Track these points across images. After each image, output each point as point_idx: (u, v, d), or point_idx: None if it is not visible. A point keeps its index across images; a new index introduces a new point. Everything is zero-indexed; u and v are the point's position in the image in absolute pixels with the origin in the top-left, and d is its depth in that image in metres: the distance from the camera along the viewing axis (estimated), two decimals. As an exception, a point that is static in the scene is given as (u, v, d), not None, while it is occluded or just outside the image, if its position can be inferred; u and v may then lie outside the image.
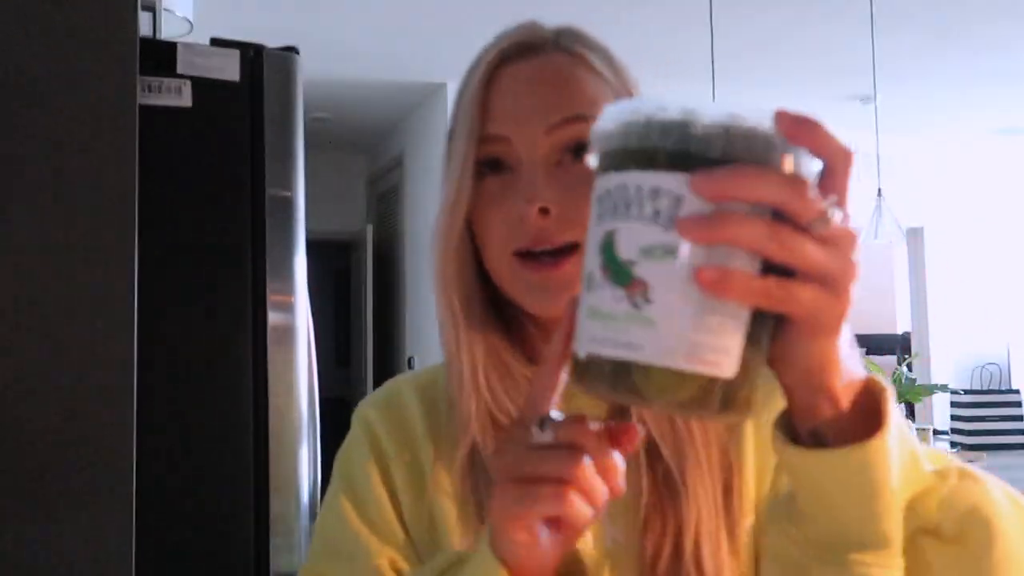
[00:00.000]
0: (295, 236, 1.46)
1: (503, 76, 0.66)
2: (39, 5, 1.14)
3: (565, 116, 0.63)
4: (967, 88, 4.62)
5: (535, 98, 0.64)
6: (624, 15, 3.48)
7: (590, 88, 0.65)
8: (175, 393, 1.35)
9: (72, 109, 1.14)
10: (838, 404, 0.45)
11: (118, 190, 1.15)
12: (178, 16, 2.39)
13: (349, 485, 0.70)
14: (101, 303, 1.13)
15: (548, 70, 0.65)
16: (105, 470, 1.12)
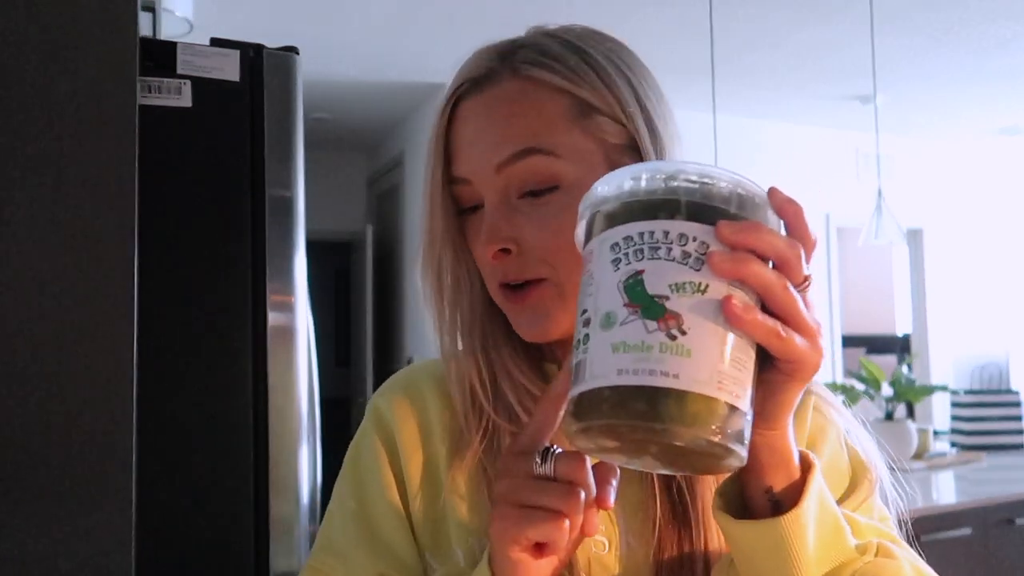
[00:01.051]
0: (295, 236, 1.46)
1: (459, 115, 0.65)
2: (39, 5, 1.14)
3: (513, 151, 0.61)
4: (967, 88, 4.62)
5: (483, 135, 0.63)
6: (624, 16, 3.48)
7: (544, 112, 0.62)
8: (175, 393, 1.35)
9: (72, 109, 1.14)
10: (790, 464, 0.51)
11: (118, 190, 1.15)
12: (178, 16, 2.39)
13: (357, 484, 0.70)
14: (101, 303, 1.13)
15: (496, 104, 0.63)
16: (105, 470, 1.11)
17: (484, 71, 0.64)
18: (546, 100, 0.62)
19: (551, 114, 0.62)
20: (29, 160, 1.12)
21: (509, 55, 0.65)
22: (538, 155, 0.61)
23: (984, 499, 2.58)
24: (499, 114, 0.63)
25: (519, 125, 0.62)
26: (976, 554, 2.55)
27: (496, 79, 0.64)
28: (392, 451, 0.69)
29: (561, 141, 0.61)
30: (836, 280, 5.48)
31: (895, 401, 3.08)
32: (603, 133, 0.63)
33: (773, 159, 5.23)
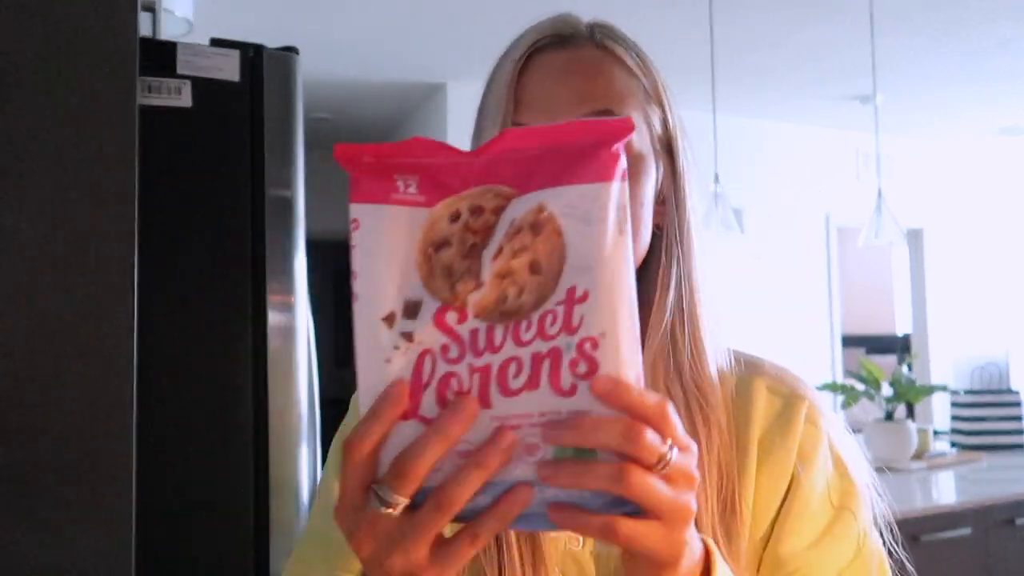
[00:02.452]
0: (295, 236, 1.46)
1: (536, 65, 0.65)
2: (39, 5, 1.14)
3: (595, 109, 0.63)
4: (967, 88, 4.62)
5: (566, 89, 0.64)
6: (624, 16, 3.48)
7: (620, 84, 0.65)
8: (175, 393, 1.35)
9: (72, 109, 1.14)
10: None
11: (118, 190, 1.15)
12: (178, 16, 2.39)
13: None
14: (101, 303, 1.13)
15: (581, 62, 0.65)
16: (105, 471, 1.11)
17: (570, 31, 0.67)
18: (624, 76, 0.65)
19: (626, 89, 0.65)
20: (29, 160, 1.12)
21: (588, 26, 0.68)
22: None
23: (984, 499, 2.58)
24: (584, 72, 0.64)
25: (603, 87, 0.64)
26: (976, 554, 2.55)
27: (580, 41, 0.66)
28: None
29: (631, 113, 0.64)
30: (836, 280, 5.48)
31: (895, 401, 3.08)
32: (654, 122, 0.66)
33: (773, 159, 5.23)
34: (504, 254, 0.42)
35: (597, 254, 0.42)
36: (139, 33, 1.23)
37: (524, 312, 0.42)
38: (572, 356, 0.42)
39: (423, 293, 0.43)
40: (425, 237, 0.43)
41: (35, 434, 1.09)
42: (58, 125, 1.13)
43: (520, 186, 0.43)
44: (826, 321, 5.37)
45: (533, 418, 0.42)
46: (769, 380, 0.70)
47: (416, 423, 0.43)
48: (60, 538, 1.09)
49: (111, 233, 1.14)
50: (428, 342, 0.43)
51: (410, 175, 0.43)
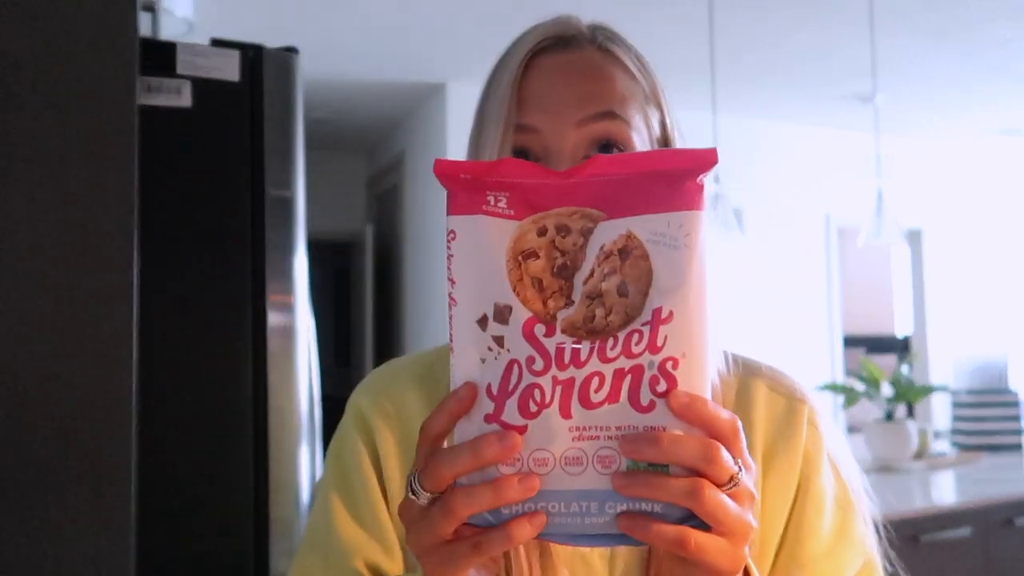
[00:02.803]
0: (295, 236, 1.46)
1: (537, 67, 0.66)
2: (39, 5, 1.14)
3: (597, 111, 0.63)
4: (967, 88, 4.62)
5: (568, 90, 0.64)
6: (624, 15, 3.48)
7: (622, 86, 0.66)
8: (175, 393, 1.35)
9: (72, 109, 1.14)
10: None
11: (118, 190, 1.15)
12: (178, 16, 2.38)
13: (340, 479, 0.69)
14: (101, 303, 1.13)
15: (583, 64, 0.66)
16: (105, 470, 1.12)
17: (572, 33, 0.67)
18: (625, 78, 0.66)
19: (628, 91, 0.66)
20: (29, 160, 1.12)
21: (590, 28, 0.69)
22: (618, 120, 0.64)
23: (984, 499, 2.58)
24: (586, 74, 0.65)
25: (605, 89, 0.65)
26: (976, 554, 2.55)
27: (581, 43, 0.67)
28: (373, 452, 0.69)
29: (633, 115, 0.65)
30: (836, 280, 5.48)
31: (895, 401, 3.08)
32: (653, 124, 0.67)
33: (773, 159, 5.23)
34: (595, 277, 0.45)
35: (683, 278, 0.44)
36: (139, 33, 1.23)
37: (611, 331, 0.45)
38: (653, 374, 0.44)
39: (512, 298, 0.46)
40: (514, 246, 0.46)
41: (35, 434, 1.09)
42: (58, 125, 1.13)
43: (607, 210, 0.46)
44: (826, 321, 5.37)
45: (610, 431, 0.45)
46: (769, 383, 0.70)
47: (497, 427, 0.45)
48: (60, 538, 1.09)
49: (111, 233, 1.14)
50: (516, 352, 0.46)
51: (500, 192, 0.46)
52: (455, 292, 0.47)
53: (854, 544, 0.67)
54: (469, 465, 0.45)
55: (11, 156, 1.11)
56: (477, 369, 0.46)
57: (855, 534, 0.67)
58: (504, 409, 0.45)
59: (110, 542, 1.11)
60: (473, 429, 0.46)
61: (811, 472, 0.67)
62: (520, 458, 0.45)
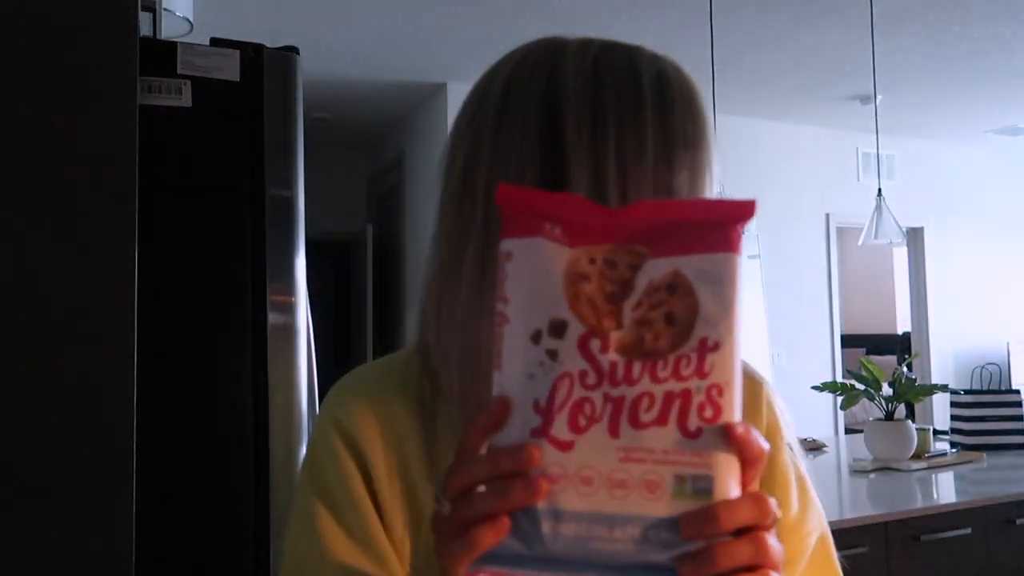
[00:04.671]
0: (295, 236, 1.46)
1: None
2: (39, 5, 1.14)
3: None
4: (967, 88, 4.62)
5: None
6: (624, 15, 3.48)
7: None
8: (175, 393, 1.35)
9: (72, 109, 1.14)
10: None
11: (118, 190, 1.15)
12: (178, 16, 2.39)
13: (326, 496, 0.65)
14: (101, 303, 1.13)
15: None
16: (105, 470, 1.12)
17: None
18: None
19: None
20: (29, 160, 1.12)
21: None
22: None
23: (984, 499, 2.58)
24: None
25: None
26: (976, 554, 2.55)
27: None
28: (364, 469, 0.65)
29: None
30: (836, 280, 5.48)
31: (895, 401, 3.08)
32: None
33: (773, 159, 5.23)
34: (643, 307, 0.47)
35: (727, 311, 0.47)
36: (139, 33, 1.23)
37: (661, 353, 0.46)
38: (701, 399, 0.45)
39: (568, 315, 0.47)
40: (569, 267, 0.48)
41: (36, 434, 1.09)
42: (58, 124, 1.13)
43: (652, 249, 0.48)
44: (826, 321, 5.37)
45: (656, 454, 0.45)
46: None
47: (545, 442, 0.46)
48: (60, 538, 1.09)
49: (111, 233, 1.14)
50: (569, 365, 0.46)
51: (556, 223, 0.49)
52: (508, 310, 0.48)
53: (815, 514, 0.71)
54: (484, 473, 0.45)
55: (11, 156, 1.11)
56: (525, 384, 0.47)
57: (814, 504, 0.71)
58: (554, 423, 0.46)
59: (110, 542, 1.11)
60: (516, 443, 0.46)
61: (774, 450, 0.69)
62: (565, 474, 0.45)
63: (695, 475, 0.45)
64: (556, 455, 0.45)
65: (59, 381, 1.11)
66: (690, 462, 0.45)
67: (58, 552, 1.09)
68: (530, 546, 0.45)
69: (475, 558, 0.46)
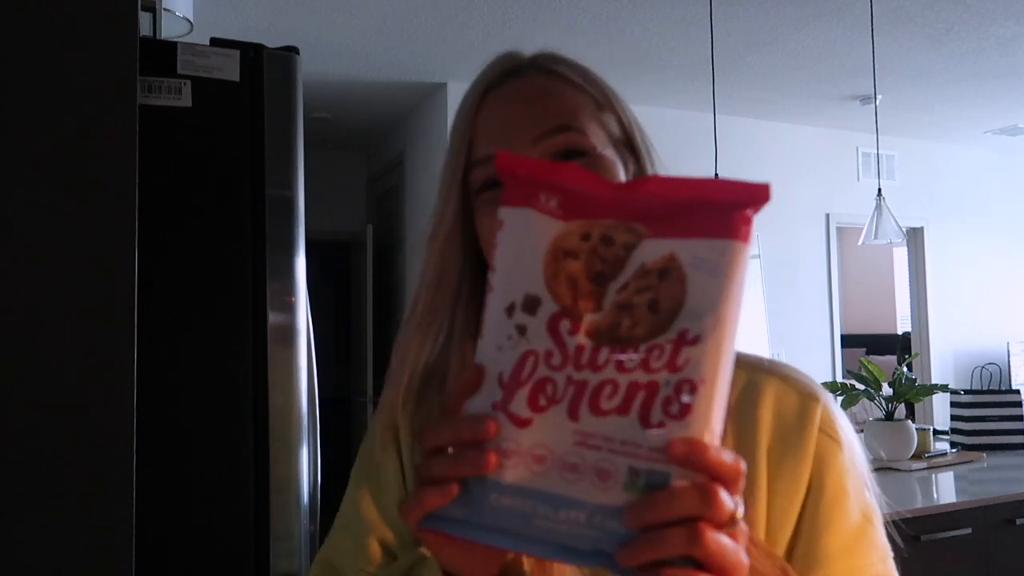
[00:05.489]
0: (295, 236, 1.46)
1: (489, 101, 0.70)
2: (39, 5, 1.14)
3: (550, 127, 0.67)
4: (967, 88, 4.62)
5: (520, 115, 0.68)
6: (624, 15, 3.48)
7: (570, 99, 0.69)
8: (175, 393, 1.35)
9: (72, 109, 1.14)
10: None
11: (118, 190, 1.15)
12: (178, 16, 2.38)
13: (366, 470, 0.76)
14: (101, 303, 1.13)
15: (529, 88, 0.70)
16: (105, 470, 1.12)
17: (513, 66, 0.71)
18: (572, 92, 0.70)
19: (576, 102, 0.69)
20: (29, 160, 1.12)
21: (531, 57, 0.73)
22: (572, 131, 0.67)
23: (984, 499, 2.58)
24: (533, 97, 0.69)
25: (554, 106, 0.68)
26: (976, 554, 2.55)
27: (526, 73, 0.71)
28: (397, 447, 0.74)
29: (585, 124, 0.68)
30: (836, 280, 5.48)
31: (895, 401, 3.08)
32: (610, 126, 0.70)
33: (773, 159, 5.23)
34: (629, 289, 0.45)
35: (716, 305, 0.44)
36: (139, 33, 1.23)
37: (633, 342, 0.45)
38: (668, 394, 0.44)
39: (544, 292, 0.46)
40: (555, 243, 0.47)
41: (36, 434, 1.09)
42: (59, 125, 1.13)
43: (652, 227, 0.46)
44: (826, 321, 5.37)
45: (614, 443, 0.44)
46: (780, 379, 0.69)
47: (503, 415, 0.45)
48: (61, 537, 1.09)
49: (111, 233, 1.14)
50: (536, 343, 0.46)
51: (553, 193, 0.47)
52: (493, 279, 0.48)
53: (874, 548, 0.65)
54: (447, 438, 0.47)
55: (11, 156, 1.11)
56: (495, 356, 0.47)
57: (876, 538, 0.66)
58: (513, 399, 0.45)
59: (110, 542, 1.11)
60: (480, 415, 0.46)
61: (825, 470, 0.65)
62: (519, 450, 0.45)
63: (650, 470, 0.43)
64: (512, 430, 0.45)
65: (59, 381, 1.11)
66: (647, 456, 0.43)
67: (58, 553, 1.09)
68: (475, 514, 0.46)
69: (420, 516, 0.47)
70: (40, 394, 1.10)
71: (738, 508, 0.44)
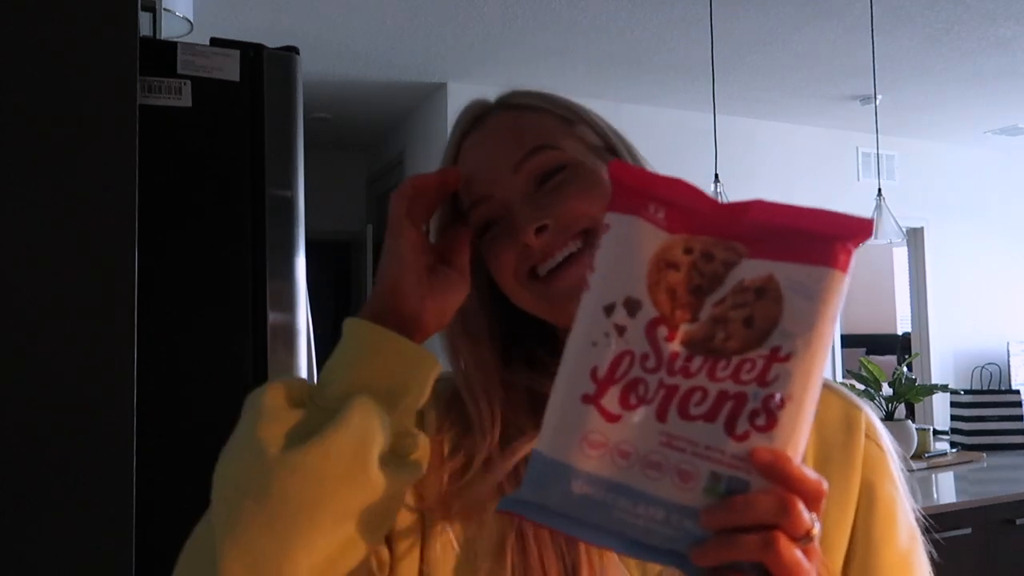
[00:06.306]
0: (295, 236, 1.46)
1: (465, 147, 0.73)
2: (39, 5, 1.14)
3: (526, 151, 0.69)
4: (967, 88, 4.62)
5: (496, 148, 0.71)
6: (624, 15, 3.48)
7: (537, 124, 0.72)
8: (175, 393, 1.35)
9: (72, 109, 1.14)
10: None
11: (118, 190, 1.15)
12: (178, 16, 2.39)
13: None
14: (101, 303, 1.13)
15: (498, 125, 0.73)
16: (105, 470, 1.12)
17: (480, 110, 0.75)
18: (536, 117, 0.72)
19: (546, 125, 0.72)
20: (30, 160, 1.12)
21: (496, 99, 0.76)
22: (546, 150, 0.70)
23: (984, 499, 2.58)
24: (505, 132, 0.72)
25: (525, 134, 0.71)
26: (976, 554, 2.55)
27: (493, 113, 0.74)
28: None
29: (558, 140, 0.71)
30: (836, 280, 5.48)
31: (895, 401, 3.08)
32: (585, 136, 0.72)
33: (773, 159, 5.23)
34: (725, 303, 0.47)
35: (810, 327, 0.45)
36: (139, 33, 1.23)
37: (726, 353, 0.46)
38: (755, 406, 0.45)
39: (645, 297, 0.48)
40: (659, 253, 0.49)
41: (36, 434, 1.09)
42: (59, 124, 1.13)
43: (752, 248, 0.48)
44: (826, 321, 5.36)
45: (698, 447, 0.45)
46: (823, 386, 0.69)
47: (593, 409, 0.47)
48: (60, 538, 1.09)
49: (111, 233, 1.14)
50: (633, 344, 0.48)
51: (662, 205, 0.49)
52: (591, 278, 0.50)
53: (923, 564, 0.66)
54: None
55: (11, 156, 1.11)
56: (587, 350, 0.48)
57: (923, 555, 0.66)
58: (606, 393, 0.47)
59: (110, 542, 1.11)
60: (568, 405, 0.48)
61: (876, 479, 0.66)
62: (605, 442, 0.46)
63: (732, 476, 0.44)
64: (601, 423, 0.47)
65: (59, 381, 1.11)
66: (730, 463, 0.44)
67: (58, 553, 1.09)
68: (554, 500, 0.47)
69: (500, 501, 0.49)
70: (40, 394, 1.10)
71: (815, 525, 0.44)
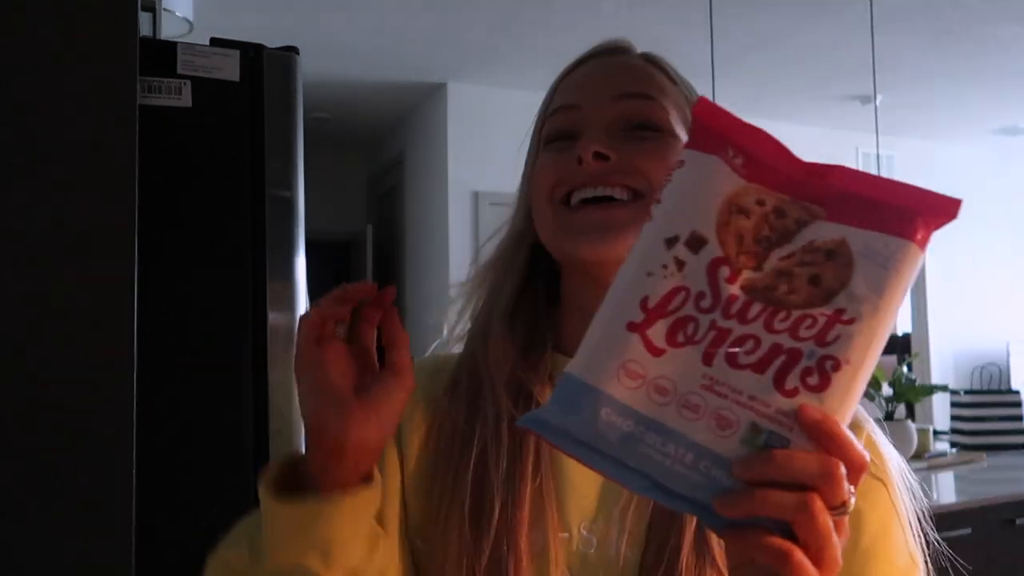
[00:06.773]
0: (295, 236, 1.46)
1: (585, 65, 0.72)
2: (39, 5, 1.14)
3: (633, 91, 0.67)
4: (967, 88, 4.62)
5: (608, 75, 0.69)
6: (624, 15, 3.48)
7: (660, 81, 0.70)
8: (175, 393, 1.35)
9: (72, 109, 1.14)
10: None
11: (118, 190, 1.15)
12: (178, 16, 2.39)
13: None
14: (101, 303, 1.13)
15: (625, 62, 0.71)
16: (105, 470, 1.12)
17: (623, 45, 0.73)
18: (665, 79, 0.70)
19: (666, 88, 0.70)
20: (30, 160, 1.12)
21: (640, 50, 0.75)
22: (654, 102, 0.67)
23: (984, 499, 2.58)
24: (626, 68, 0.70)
25: (643, 78, 0.69)
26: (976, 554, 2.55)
27: (631, 53, 0.73)
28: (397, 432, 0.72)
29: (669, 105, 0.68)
30: (836, 280, 5.48)
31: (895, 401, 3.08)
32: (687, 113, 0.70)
33: (773, 159, 5.22)
34: (793, 259, 0.45)
35: (878, 293, 0.43)
36: (139, 33, 1.23)
37: (787, 306, 0.44)
38: (809, 364, 0.43)
39: (712, 235, 0.46)
40: (732, 196, 0.46)
41: (36, 434, 1.09)
42: (58, 125, 1.13)
43: (829, 211, 0.45)
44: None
45: (741, 396, 0.43)
46: None
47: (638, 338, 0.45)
48: (60, 538, 1.09)
49: (111, 233, 1.14)
50: (691, 281, 0.45)
51: (741, 152, 0.48)
52: (655, 210, 0.47)
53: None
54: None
55: (11, 156, 1.11)
56: (639, 279, 0.46)
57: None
58: (653, 325, 0.45)
59: (110, 542, 1.11)
60: (611, 330, 0.45)
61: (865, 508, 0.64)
62: (643, 374, 0.44)
63: (773, 431, 0.42)
64: (643, 354, 0.44)
65: (59, 382, 1.11)
66: (774, 417, 0.42)
67: (58, 553, 1.09)
68: (578, 425, 0.44)
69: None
70: (40, 394, 1.10)
71: (851, 499, 0.42)
